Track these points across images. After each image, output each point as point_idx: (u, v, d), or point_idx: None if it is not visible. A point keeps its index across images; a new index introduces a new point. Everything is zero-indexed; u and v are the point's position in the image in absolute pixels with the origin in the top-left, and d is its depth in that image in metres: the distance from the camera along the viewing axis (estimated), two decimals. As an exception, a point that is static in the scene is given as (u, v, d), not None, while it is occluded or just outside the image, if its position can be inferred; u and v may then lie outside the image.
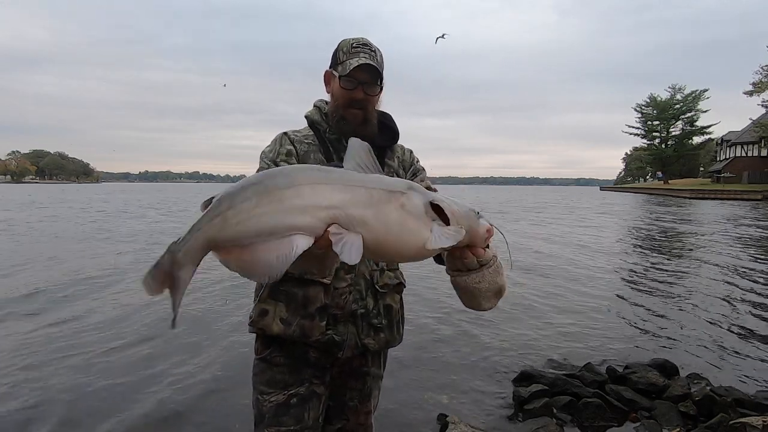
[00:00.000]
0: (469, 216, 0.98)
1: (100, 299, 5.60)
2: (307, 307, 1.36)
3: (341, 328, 1.39)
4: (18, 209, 21.74)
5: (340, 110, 1.41)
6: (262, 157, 1.42)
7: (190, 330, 4.42)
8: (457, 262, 1.08)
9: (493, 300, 1.14)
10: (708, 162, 68.57)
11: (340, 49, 1.41)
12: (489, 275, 1.09)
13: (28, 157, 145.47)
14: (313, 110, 1.50)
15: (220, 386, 3.28)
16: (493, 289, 1.11)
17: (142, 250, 9.36)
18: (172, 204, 28.35)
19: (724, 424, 2.64)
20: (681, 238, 12.41)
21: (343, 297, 1.38)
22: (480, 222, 1.00)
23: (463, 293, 1.14)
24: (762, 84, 42.07)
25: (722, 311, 5.36)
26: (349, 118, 1.40)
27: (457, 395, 3.22)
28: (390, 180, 0.94)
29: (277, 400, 1.40)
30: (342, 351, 1.40)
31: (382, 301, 1.45)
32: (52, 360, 3.71)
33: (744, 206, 27.37)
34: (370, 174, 0.93)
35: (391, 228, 0.88)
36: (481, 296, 1.11)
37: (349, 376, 1.51)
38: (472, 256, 1.05)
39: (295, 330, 1.37)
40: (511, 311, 5.17)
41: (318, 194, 0.86)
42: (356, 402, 1.53)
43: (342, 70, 1.38)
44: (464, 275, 1.09)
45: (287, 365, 1.42)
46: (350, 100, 1.39)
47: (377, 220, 0.87)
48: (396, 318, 1.50)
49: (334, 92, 1.42)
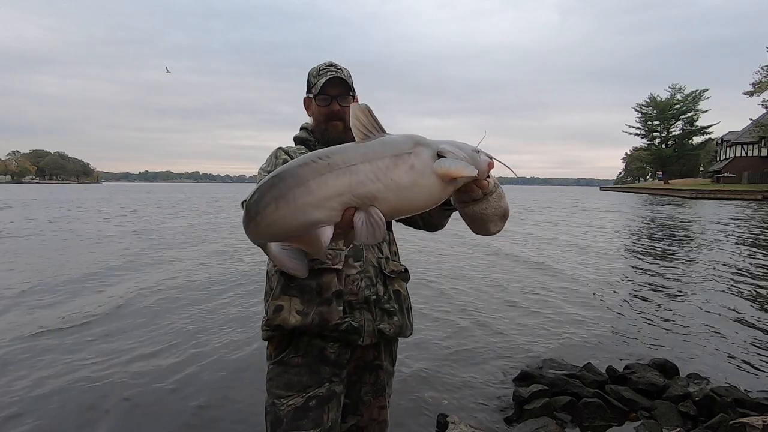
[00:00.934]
0: (473, 156, 1.02)
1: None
2: (322, 294, 1.41)
3: (357, 314, 1.43)
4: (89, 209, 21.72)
5: (322, 126, 1.54)
6: (260, 172, 1.51)
7: (195, 338, 4.42)
8: (463, 195, 1.14)
9: (500, 223, 1.21)
10: (708, 162, 68.57)
11: (310, 75, 1.55)
12: (494, 201, 1.16)
13: (28, 157, 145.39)
14: (300, 132, 1.64)
15: (227, 393, 3.26)
16: (499, 213, 1.19)
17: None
18: (212, 202, 28.63)
19: (724, 424, 2.64)
20: (681, 238, 12.40)
21: (355, 283, 1.44)
22: (481, 157, 1.05)
23: (471, 221, 1.20)
24: (762, 84, 42.04)
25: (722, 311, 5.36)
26: (331, 130, 1.52)
27: (457, 395, 3.23)
28: (394, 141, 0.95)
29: (296, 403, 1.39)
30: (362, 337, 1.43)
31: (392, 287, 1.52)
32: (50, 359, 3.71)
33: (744, 206, 27.36)
34: (372, 141, 0.94)
35: (403, 192, 0.91)
36: (489, 221, 1.18)
37: (363, 371, 1.53)
38: (477, 188, 1.11)
39: (314, 318, 1.39)
40: (512, 311, 5.17)
41: (324, 186, 0.88)
42: (370, 397, 1.55)
43: (315, 90, 1.51)
44: (471, 205, 1.15)
45: (305, 365, 1.42)
46: (328, 114, 1.52)
47: (388, 190, 0.90)
48: (406, 304, 1.56)
49: (314, 113, 1.56)
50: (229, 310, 5.12)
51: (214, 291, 5.96)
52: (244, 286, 6.19)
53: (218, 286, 6.26)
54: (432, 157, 0.94)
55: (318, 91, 1.50)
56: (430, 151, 0.95)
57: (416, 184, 0.92)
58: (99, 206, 24.74)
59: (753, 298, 6.04)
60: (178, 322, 4.67)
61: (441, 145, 0.98)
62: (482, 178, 1.07)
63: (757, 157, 47.96)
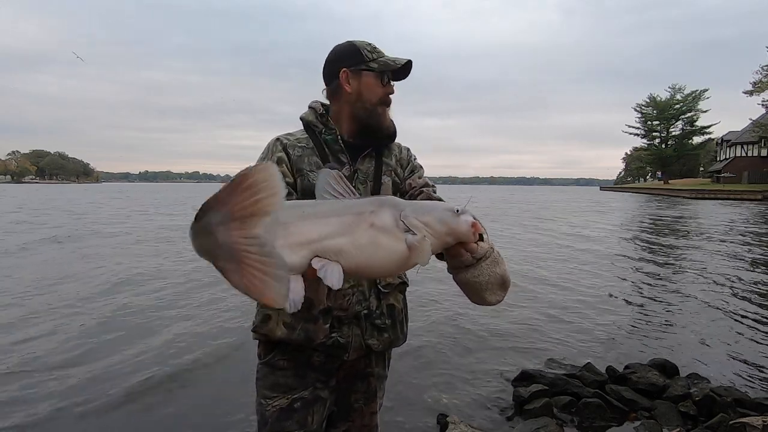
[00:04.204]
0: (444, 218, 0.99)
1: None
2: (310, 309, 1.34)
3: (345, 330, 1.37)
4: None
5: (376, 108, 1.40)
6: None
7: (191, 334, 4.42)
8: (454, 261, 1.10)
9: (499, 292, 1.15)
10: (708, 162, 68.55)
11: (362, 48, 1.39)
12: (486, 267, 1.11)
13: (28, 157, 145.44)
14: (308, 112, 1.47)
15: (223, 391, 3.27)
16: (494, 281, 1.13)
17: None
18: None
19: (724, 424, 2.64)
20: (681, 238, 12.40)
21: (346, 298, 1.36)
22: (461, 219, 1.01)
23: (465, 289, 1.16)
24: (762, 84, 42.04)
25: (722, 311, 5.36)
26: (381, 113, 1.41)
27: (457, 395, 3.23)
28: (359, 202, 0.96)
29: (281, 404, 1.38)
30: (348, 353, 1.39)
31: (385, 301, 1.44)
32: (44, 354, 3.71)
33: (744, 206, 27.36)
34: (342, 200, 0.96)
35: (364, 249, 0.91)
36: (483, 289, 1.13)
37: (354, 379, 1.49)
38: (465, 252, 1.07)
39: (300, 334, 1.35)
40: (511, 311, 5.17)
41: (296, 232, 0.89)
42: (361, 404, 1.51)
43: (382, 65, 1.37)
44: (462, 271, 1.12)
45: (291, 369, 1.40)
46: (386, 96, 1.40)
47: (351, 245, 0.91)
48: (399, 317, 1.48)
49: (367, 88, 1.39)
50: (230, 301, 5.11)
51: (213, 281, 5.95)
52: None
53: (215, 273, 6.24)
54: (393, 218, 0.94)
55: (387, 67, 1.38)
56: (393, 212, 0.95)
57: (376, 243, 0.92)
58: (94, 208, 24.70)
59: (753, 298, 6.04)
60: (175, 314, 4.66)
61: (406, 208, 0.97)
62: (466, 240, 1.04)
63: (757, 157, 47.96)
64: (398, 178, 1.49)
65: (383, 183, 1.44)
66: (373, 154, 1.46)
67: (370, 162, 1.45)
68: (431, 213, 0.98)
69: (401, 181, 1.50)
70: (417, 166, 1.55)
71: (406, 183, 1.50)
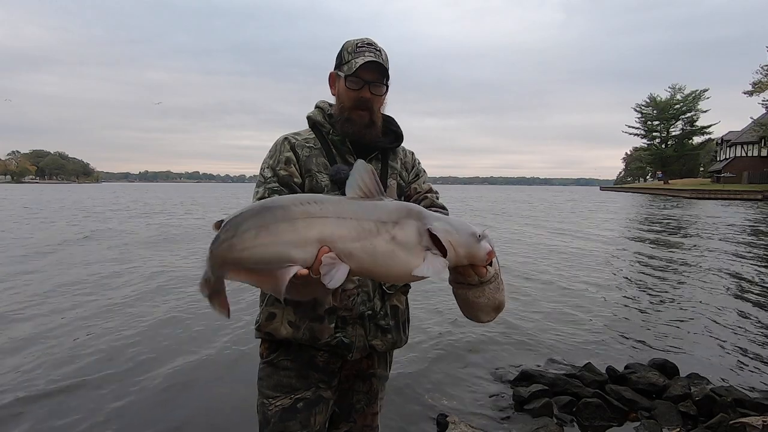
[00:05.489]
0: (469, 242, 0.99)
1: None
2: (316, 309, 1.34)
3: (350, 330, 1.38)
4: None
5: (346, 112, 1.38)
6: (263, 166, 1.40)
7: (192, 332, 4.42)
8: (459, 276, 1.12)
9: (492, 314, 1.19)
10: (708, 162, 68.54)
11: (344, 50, 1.37)
12: (489, 291, 1.14)
13: (28, 157, 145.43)
14: (315, 111, 1.47)
15: (224, 391, 3.26)
16: (492, 304, 1.17)
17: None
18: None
19: (724, 424, 2.64)
20: (681, 238, 12.40)
21: (351, 299, 1.36)
22: (481, 245, 1.01)
23: (463, 304, 1.20)
24: (762, 84, 42.01)
25: (722, 311, 5.36)
26: (355, 119, 1.37)
27: (457, 395, 3.23)
28: (386, 208, 0.95)
29: (283, 404, 1.38)
30: (351, 353, 1.39)
31: (389, 302, 1.44)
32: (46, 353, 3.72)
33: (744, 206, 27.36)
34: (368, 201, 0.95)
35: (377, 259, 0.92)
36: (480, 309, 1.17)
37: (356, 380, 1.50)
38: (473, 273, 1.09)
39: (305, 333, 1.35)
40: (512, 311, 5.16)
41: (310, 228, 0.90)
42: (363, 404, 1.52)
43: (347, 69, 1.34)
44: (465, 289, 1.14)
45: (294, 369, 1.40)
46: (356, 100, 1.36)
47: (364, 252, 0.91)
48: (402, 319, 1.49)
49: (340, 93, 1.39)
50: (230, 301, 5.10)
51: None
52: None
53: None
54: (418, 233, 0.93)
55: (351, 71, 1.32)
56: (419, 225, 0.94)
57: (393, 255, 0.92)
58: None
59: (753, 298, 6.04)
60: (175, 313, 4.67)
61: (434, 223, 0.95)
62: (480, 264, 1.04)
63: (757, 157, 47.94)
64: (403, 182, 1.50)
65: (389, 186, 1.44)
66: (380, 157, 1.46)
67: (377, 164, 1.45)
68: (457, 234, 0.98)
69: (406, 184, 1.51)
70: (421, 171, 1.56)
71: (410, 187, 1.51)
